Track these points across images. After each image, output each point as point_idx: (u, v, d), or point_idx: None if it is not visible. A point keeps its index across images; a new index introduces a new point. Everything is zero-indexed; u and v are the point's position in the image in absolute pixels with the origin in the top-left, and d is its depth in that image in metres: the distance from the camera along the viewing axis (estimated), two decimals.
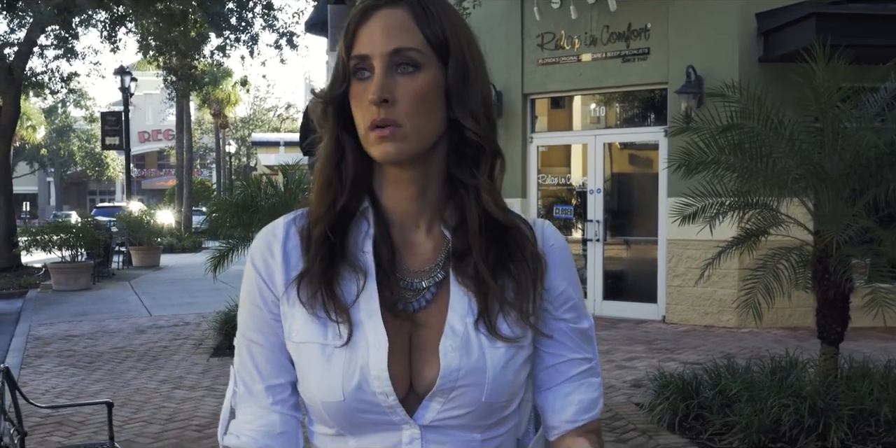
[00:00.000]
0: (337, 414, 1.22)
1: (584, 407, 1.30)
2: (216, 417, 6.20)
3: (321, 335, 1.22)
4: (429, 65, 1.21)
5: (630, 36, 10.74)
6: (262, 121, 55.47)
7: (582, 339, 1.32)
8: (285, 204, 8.85)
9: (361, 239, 1.26)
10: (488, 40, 7.30)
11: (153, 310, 12.78)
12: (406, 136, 1.19)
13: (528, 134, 11.85)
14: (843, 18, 8.83)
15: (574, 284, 1.34)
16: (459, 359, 1.20)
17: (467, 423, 1.22)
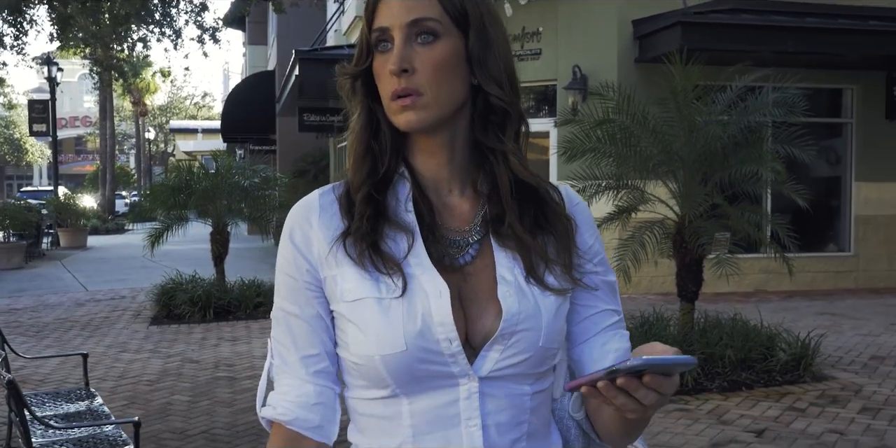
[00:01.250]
0: (398, 367, 1.15)
1: (620, 355, 1.24)
2: (164, 374, 6.70)
3: (375, 290, 1.17)
4: (448, 34, 1.18)
5: (524, 38, 11.40)
6: (180, 108, 54.64)
7: (611, 292, 1.29)
8: (218, 187, 9.23)
9: (403, 200, 1.23)
10: None
11: (88, 285, 12.95)
12: (427, 104, 1.16)
13: None
14: (705, 27, 9.62)
15: (599, 240, 1.30)
16: (518, 303, 1.17)
17: (522, 371, 1.17)
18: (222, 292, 9.53)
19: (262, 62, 26.49)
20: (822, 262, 11.58)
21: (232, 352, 7.64)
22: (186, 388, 6.29)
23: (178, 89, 54.44)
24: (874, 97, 11.58)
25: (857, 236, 11.75)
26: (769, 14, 10.27)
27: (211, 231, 9.93)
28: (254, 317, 9.41)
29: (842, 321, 8.88)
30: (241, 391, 6.17)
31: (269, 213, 10.65)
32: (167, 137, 52.50)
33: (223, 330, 8.79)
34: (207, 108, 58.93)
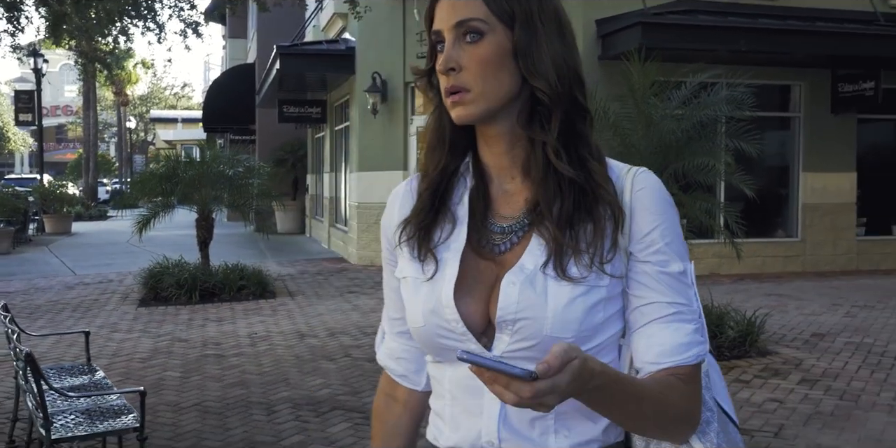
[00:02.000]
0: (422, 339, 1.26)
1: (668, 350, 1.16)
2: (155, 352, 6.88)
3: (415, 270, 1.27)
4: (493, 32, 1.19)
5: None
6: (160, 98, 54.24)
7: (671, 283, 1.19)
8: (203, 175, 9.37)
9: (461, 192, 1.28)
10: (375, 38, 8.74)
11: (76, 269, 13.02)
12: (474, 99, 1.19)
13: (408, 116, 12.61)
14: (664, 27, 9.88)
15: (663, 228, 1.20)
16: (519, 293, 1.17)
17: (535, 355, 1.14)
18: (207, 276, 9.70)
19: (241, 55, 26.46)
20: (771, 247, 11.94)
21: (218, 331, 7.82)
22: (177, 365, 6.47)
23: (159, 80, 54.03)
24: (820, 93, 11.92)
25: (804, 223, 12.11)
26: (724, 15, 10.56)
27: (196, 217, 10.08)
28: (237, 299, 9.59)
29: (788, 302, 9.22)
30: (229, 367, 6.37)
31: (250, 201, 10.81)
32: (147, 127, 52.13)
33: (209, 311, 8.97)
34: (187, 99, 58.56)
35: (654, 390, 1.13)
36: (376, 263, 12.74)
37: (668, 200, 1.23)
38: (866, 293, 9.91)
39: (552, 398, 0.98)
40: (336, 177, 16.04)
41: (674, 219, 1.22)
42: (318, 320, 8.34)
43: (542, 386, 0.95)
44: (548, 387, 0.96)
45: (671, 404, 1.15)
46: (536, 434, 1.20)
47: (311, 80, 14.93)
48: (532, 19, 1.20)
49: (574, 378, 0.97)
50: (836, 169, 12.13)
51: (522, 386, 0.95)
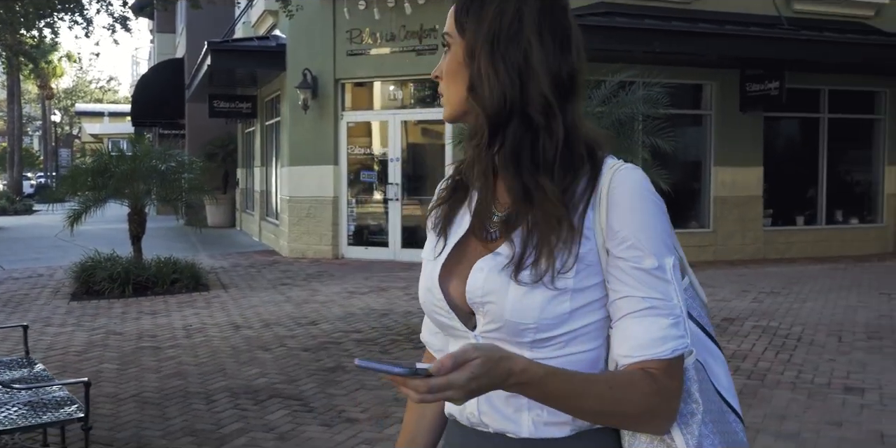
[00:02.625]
0: (427, 314, 1.34)
1: (641, 344, 1.15)
2: (91, 345, 6.80)
3: (430, 252, 1.33)
4: (455, 43, 1.25)
5: (422, 34, 11.70)
6: (86, 92, 52.77)
7: (644, 278, 1.17)
8: (136, 170, 9.23)
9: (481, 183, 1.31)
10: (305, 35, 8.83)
11: (4, 264, 12.60)
12: (444, 103, 1.29)
13: (339, 112, 12.60)
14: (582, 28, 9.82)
15: (637, 225, 1.18)
16: (485, 279, 1.20)
17: (504, 337, 1.19)
18: (140, 269, 9.57)
19: (170, 50, 25.96)
20: (685, 238, 12.23)
21: (153, 324, 7.75)
22: (114, 358, 6.41)
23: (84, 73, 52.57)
24: (730, 92, 12.34)
25: (716, 215, 12.53)
26: (640, 17, 10.84)
27: (129, 212, 9.93)
28: (171, 292, 9.49)
29: None
30: (166, 359, 6.34)
31: (182, 195, 10.69)
32: (73, 120, 50.68)
33: (142, 304, 8.86)
34: (113, 92, 57.12)
35: (602, 386, 1.13)
36: (307, 256, 12.73)
37: (646, 196, 1.20)
38: (772, 280, 10.33)
39: (454, 393, 1.01)
40: (267, 171, 15.94)
41: (650, 214, 1.20)
42: (252, 312, 8.33)
43: (436, 383, 0.99)
44: (443, 383, 0.99)
45: (625, 400, 1.14)
46: (511, 411, 1.23)
47: (241, 75, 14.79)
48: (478, 37, 1.21)
49: (475, 376, 1.00)
50: (744, 164, 12.57)
51: (419, 383, 0.99)
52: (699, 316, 1.31)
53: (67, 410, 3.64)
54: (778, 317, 7.82)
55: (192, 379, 5.72)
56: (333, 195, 12.64)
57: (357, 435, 4.50)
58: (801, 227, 13.29)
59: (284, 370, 5.92)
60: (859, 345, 6.63)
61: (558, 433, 1.22)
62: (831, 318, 7.80)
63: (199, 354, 6.48)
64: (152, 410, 4.99)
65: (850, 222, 13.66)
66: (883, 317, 7.86)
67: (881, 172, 13.80)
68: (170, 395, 5.34)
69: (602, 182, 1.21)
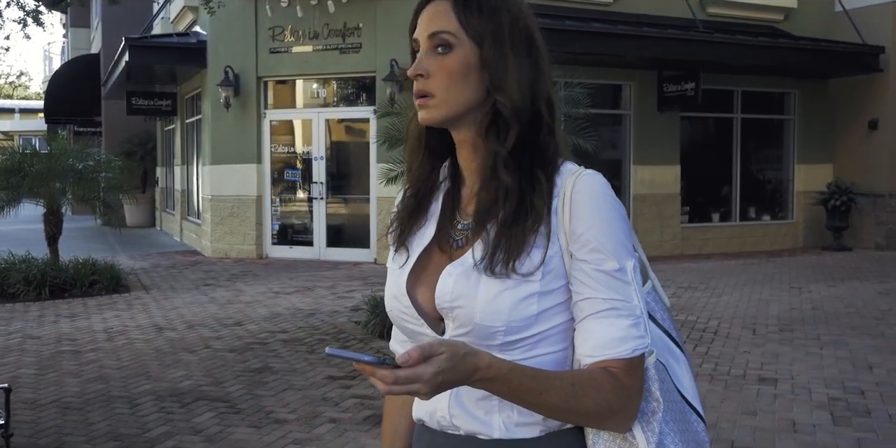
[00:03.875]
0: (393, 322, 1.35)
1: (601, 344, 1.18)
2: (6, 350, 6.63)
3: (392, 261, 1.36)
4: (461, 46, 1.24)
5: (346, 33, 11.65)
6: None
7: (605, 280, 1.20)
8: (52, 169, 8.97)
9: (439, 191, 1.36)
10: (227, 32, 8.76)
11: None
12: (437, 104, 1.25)
13: (261, 110, 12.46)
14: None
15: (598, 229, 1.21)
16: (454, 284, 1.23)
17: (474, 341, 1.20)
18: (57, 271, 9.30)
19: (84, 45, 25.22)
20: None
21: (72, 327, 7.55)
22: (32, 363, 6.23)
23: None
24: (648, 92, 12.64)
25: (635, 212, 12.81)
26: (561, 18, 11.02)
27: (44, 212, 9.64)
28: (90, 294, 9.25)
29: None
30: (87, 363, 6.19)
31: (99, 195, 10.43)
32: None
33: (60, 307, 8.62)
34: (24, 88, 55.18)
35: (564, 383, 1.16)
36: (230, 255, 12.56)
37: (607, 200, 1.24)
38: (690, 276, 10.64)
39: (421, 386, 1.03)
40: (188, 169, 15.65)
41: (611, 219, 1.23)
42: (175, 313, 8.19)
43: (403, 374, 1.02)
44: (409, 375, 1.02)
45: (586, 396, 1.16)
46: (482, 413, 1.25)
47: (160, 72, 14.48)
48: (501, 38, 1.25)
49: (441, 370, 1.04)
50: (662, 162, 12.90)
51: (386, 374, 1.02)
52: (662, 319, 1.34)
53: None
54: (696, 311, 8.07)
55: (114, 383, 5.60)
56: (257, 194, 12.49)
57: (286, 435, 4.48)
58: (717, 223, 13.71)
59: (210, 372, 5.85)
60: (772, 337, 6.89)
61: (529, 434, 1.24)
62: (746, 311, 8.09)
63: (121, 357, 6.34)
64: (74, 416, 4.88)
65: (763, 219, 14.16)
66: (794, 310, 8.18)
67: (791, 170, 14.33)
68: (92, 399, 5.22)
69: (565, 186, 1.25)
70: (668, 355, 1.31)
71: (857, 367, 5.88)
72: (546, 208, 1.25)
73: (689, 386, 1.34)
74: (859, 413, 4.79)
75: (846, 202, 13.22)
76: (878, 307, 8.29)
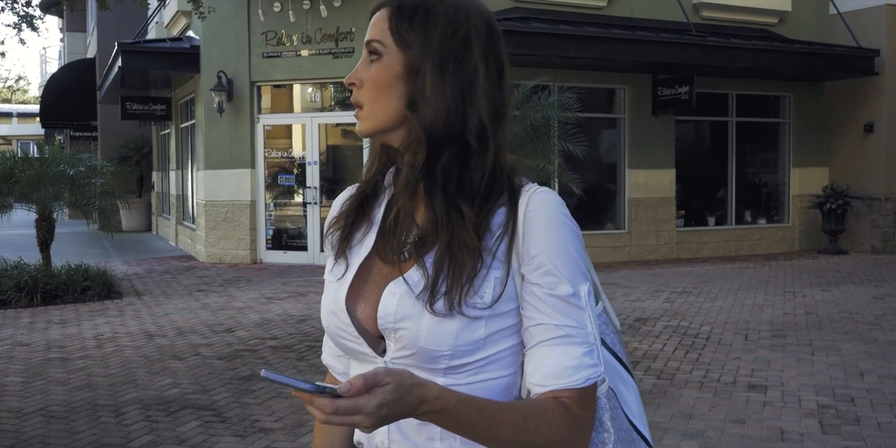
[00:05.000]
0: (329, 337, 1.30)
1: (553, 373, 1.14)
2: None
3: (329, 273, 1.29)
4: (389, 54, 1.18)
5: (338, 37, 11.64)
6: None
7: (558, 305, 1.15)
8: (43, 175, 8.95)
9: (383, 198, 1.29)
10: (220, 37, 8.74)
11: None
12: (365, 115, 1.20)
13: (255, 115, 12.44)
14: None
15: (553, 251, 1.16)
16: (397, 304, 1.16)
17: (417, 364, 1.15)
18: (49, 277, 9.27)
19: (81, 49, 25.23)
20: (601, 239, 12.55)
21: (62, 334, 7.52)
22: (19, 370, 6.20)
23: None
24: (643, 96, 12.63)
25: (630, 216, 12.81)
26: (555, 23, 11.01)
27: (36, 218, 9.62)
28: (82, 300, 9.23)
29: (615, 289, 9.75)
30: (75, 370, 6.16)
31: (93, 200, 10.41)
32: None
33: (52, 314, 8.59)
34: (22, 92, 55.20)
35: (516, 415, 1.10)
36: (225, 261, 12.54)
37: (562, 221, 1.18)
38: (685, 280, 10.62)
39: (362, 419, 0.97)
40: (183, 174, 15.63)
41: (566, 240, 1.17)
42: (166, 320, 8.16)
43: (343, 404, 0.95)
44: (349, 406, 0.95)
45: (538, 429, 1.11)
46: (423, 439, 1.18)
47: (154, 77, 14.48)
48: (427, 49, 1.17)
49: (385, 403, 0.97)
50: (657, 166, 12.88)
51: (325, 403, 0.96)
52: (612, 342, 1.30)
53: None
54: (689, 316, 8.04)
55: (101, 391, 5.57)
56: (251, 199, 12.47)
57: (271, 445, 4.45)
58: (712, 227, 13.69)
59: (198, 380, 5.82)
60: (764, 343, 6.86)
61: None
62: (739, 316, 8.06)
63: (109, 365, 6.31)
64: (58, 425, 4.85)
65: (759, 222, 14.14)
66: (787, 314, 8.16)
67: (787, 174, 14.31)
68: (77, 408, 5.19)
69: (519, 207, 1.19)
70: (617, 381, 1.29)
71: (848, 373, 5.85)
72: (479, 240, 1.17)
73: (637, 412, 1.31)
74: (849, 421, 4.77)
75: (842, 205, 13.20)
76: (872, 312, 8.27)
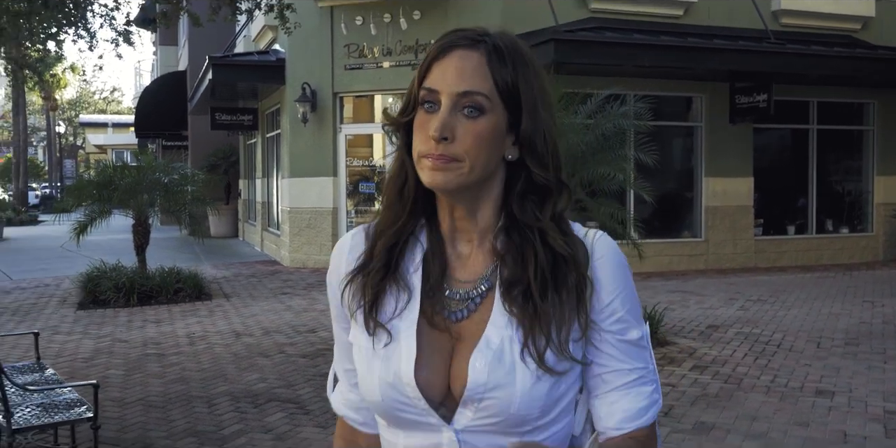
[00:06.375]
0: (381, 412, 1.20)
1: (630, 416, 1.17)
2: (97, 353, 7.07)
3: (367, 340, 1.20)
4: (493, 110, 1.15)
5: (418, 48, 11.99)
6: (89, 103, 53.19)
7: (630, 350, 1.18)
8: (140, 182, 9.53)
9: (415, 255, 1.22)
10: (304, 50, 9.27)
11: (11, 275, 12.92)
12: (467, 171, 1.14)
13: (337, 125, 12.91)
14: (574, 43, 10.38)
15: (623, 296, 1.19)
16: (488, 374, 1.13)
17: (500, 429, 1.14)
18: (145, 279, 9.86)
19: (173, 62, 26.33)
20: (677, 247, 12.59)
21: (157, 332, 8.03)
22: (120, 364, 6.69)
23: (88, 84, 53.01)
24: (719, 104, 12.62)
25: (707, 224, 12.79)
26: (630, 32, 11.13)
27: (133, 223, 10.22)
28: (174, 301, 9.77)
29: (689, 297, 9.81)
30: (170, 365, 6.61)
31: (185, 206, 10.99)
32: (76, 131, 51.08)
33: (147, 313, 9.14)
34: (116, 103, 57.55)
35: None
36: (308, 265, 13.01)
37: (626, 264, 1.21)
38: (761, 288, 10.58)
39: None
40: (268, 182, 16.24)
41: (631, 284, 1.21)
42: (253, 320, 8.60)
43: None
44: None
45: None
46: None
47: (242, 89, 15.11)
48: (536, 105, 1.17)
49: None
50: (734, 174, 12.84)
51: None
52: None
53: (77, 411, 3.92)
54: (761, 324, 8.07)
55: (194, 384, 5.99)
56: (333, 206, 12.93)
57: None
58: (792, 236, 13.55)
59: (283, 376, 6.19)
60: (836, 350, 6.88)
61: None
62: (813, 325, 8.06)
63: (201, 361, 6.75)
64: (157, 413, 5.27)
65: (841, 231, 13.93)
66: (863, 323, 8.11)
67: (871, 182, 14.07)
68: (173, 399, 5.61)
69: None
70: None
71: None
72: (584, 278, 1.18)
73: None
74: None
75: None
76: None
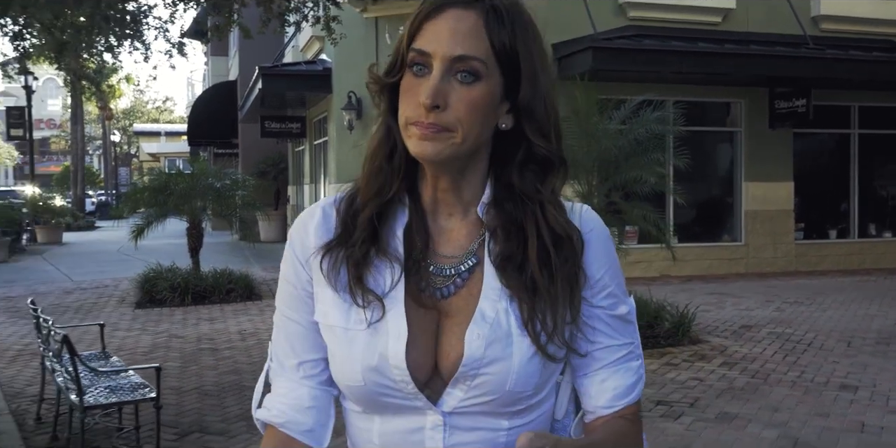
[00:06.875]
0: (360, 396, 1.11)
1: (620, 393, 1.14)
2: (155, 347, 7.50)
3: (344, 319, 1.10)
4: (489, 76, 1.05)
5: None
6: (143, 112, 54.59)
7: (620, 325, 1.15)
8: (194, 188, 9.99)
9: (398, 227, 1.13)
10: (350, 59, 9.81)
11: (72, 276, 13.52)
12: (459, 141, 1.05)
13: None
14: (612, 50, 10.61)
15: (611, 271, 1.14)
16: (485, 348, 1.06)
17: (491, 410, 1.08)
18: (198, 280, 10.32)
19: (223, 71, 27.06)
20: (717, 251, 12.72)
21: (211, 329, 8.45)
22: (176, 357, 7.11)
23: (142, 93, 54.43)
24: (759, 109, 12.74)
25: (747, 228, 12.90)
26: (667, 39, 11.34)
27: (187, 227, 10.70)
28: (227, 301, 10.21)
29: (726, 299, 9.97)
30: (223, 358, 7.01)
31: (235, 211, 11.45)
32: (130, 140, 52.45)
33: (201, 312, 9.59)
34: (169, 112, 58.94)
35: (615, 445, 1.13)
36: None
37: (611, 240, 1.17)
38: (799, 291, 10.69)
39: None
40: (316, 188, 16.70)
41: (616, 258, 1.17)
42: None
43: None
44: None
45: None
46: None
47: (291, 98, 15.60)
48: (536, 70, 1.08)
49: None
50: (774, 179, 12.95)
51: None
52: None
53: (142, 392, 4.30)
54: (795, 324, 8.22)
55: (245, 375, 6.38)
56: None
57: None
58: (834, 240, 13.59)
59: None
60: (866, 349, 7.03)
61: None
62: (846, 325, 8.19)
63: (252, 355, 7.14)
64: (211, 401, 5.65)
65: (884, 235, 13.92)
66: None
67: None
68: (226, 388, 6.00)
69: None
70: None
71: None
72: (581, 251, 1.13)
73: None
74: None
75: None
76: None
